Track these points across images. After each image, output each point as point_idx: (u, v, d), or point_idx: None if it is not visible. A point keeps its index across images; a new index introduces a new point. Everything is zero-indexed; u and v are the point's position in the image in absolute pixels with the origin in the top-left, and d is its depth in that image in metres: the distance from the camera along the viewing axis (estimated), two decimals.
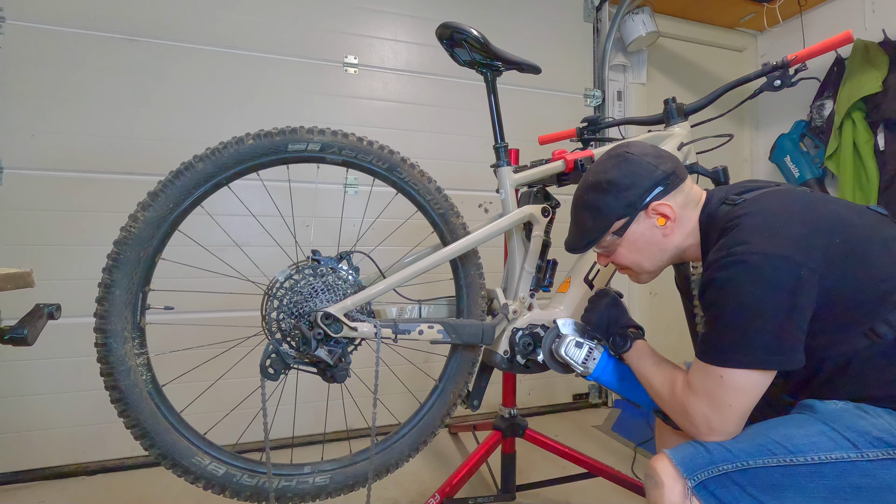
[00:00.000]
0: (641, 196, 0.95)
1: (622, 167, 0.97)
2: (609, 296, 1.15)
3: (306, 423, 2.12)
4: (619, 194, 0.96)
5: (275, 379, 1.04)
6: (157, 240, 1.03)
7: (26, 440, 1.83)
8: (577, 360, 1.10)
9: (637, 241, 0.98)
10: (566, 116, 2.60)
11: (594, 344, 1.12)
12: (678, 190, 0.97)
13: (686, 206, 0.98)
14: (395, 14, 2.39)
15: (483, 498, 1.61)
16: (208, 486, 1.04)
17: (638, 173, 0.96)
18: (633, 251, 1.00)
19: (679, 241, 0.98)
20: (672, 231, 0.97)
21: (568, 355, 1.11)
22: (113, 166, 1.94)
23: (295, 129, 1.10)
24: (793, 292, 0.79)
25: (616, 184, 0.96)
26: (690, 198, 0.99)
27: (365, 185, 2.24)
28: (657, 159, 0.97)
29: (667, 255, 1.00)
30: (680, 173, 0.97)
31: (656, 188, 0.95)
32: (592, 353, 1.10)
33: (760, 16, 2.87)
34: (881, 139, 2.34)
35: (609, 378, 1.10)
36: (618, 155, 0.99)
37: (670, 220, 0.96)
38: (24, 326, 0.74)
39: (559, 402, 2.68)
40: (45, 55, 1.88)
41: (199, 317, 1.86)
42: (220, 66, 2.10)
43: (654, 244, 0.98)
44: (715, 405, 0.84)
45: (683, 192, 0.98)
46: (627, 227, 0.98)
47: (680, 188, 0.97)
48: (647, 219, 0.97)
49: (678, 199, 0.97)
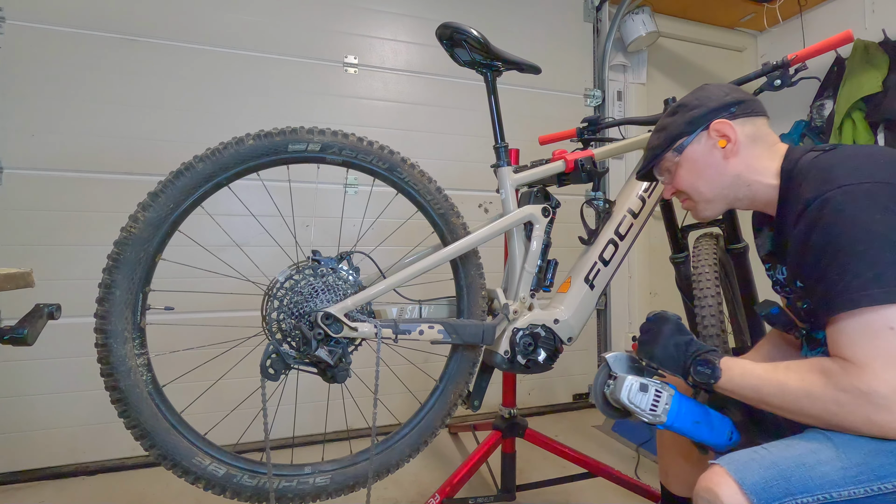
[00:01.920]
0: (706, 115, 0.95)
1: (696, 93, 1.00)
2: (670, 321, 0.96)
3: (307, 423, 2.12)
4: (685, 113, 0.97)
5: (275, 379, 1.04)
6: (158, 240, 1.03)
7: (26, 440, 1.83)
8: (645, 408, 0.89)
9: (696, 160, 0.96)
10: (566, 116, 2.60)
11: (660, 384, 0.91)
12: (747, 120, 0.94)
13: (756, 139, 0.94)
14: (395, 14, 2.39)
15: (483, 498, 1.61)
16: (209, 487, 1.04)
17: (707, 96, 0.97)
18: (692, 172, 0.97)
19: (743, 171, 0.93)
20: (733, 154, 0.93)
21: (633, 403, 0.90)
22: (113, 166, 1.94)
23: (295, 130, 1.10)
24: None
25: (685, 105, 0.99)
26: (763, 135, 0.94)
27: (365, 186, 2.24)
28: (731, 90, 0.97)
29: (727, 184, 0.95)
30: (753, 107, 0.95)
31: (722, 110, 0.94)
32: (661, 396, 0.90)
33: (760, 16, 2.87)
34: (881, 139, 2.34)
35: (684, 423, 0.90)
36: (699, 87, 1.02)
37: (731, 143, 0.93)
38: (24, 326, 0.74)
39: (559, 402, 2.68)
40: (45, 55, 1.87)
41: (200, 317, 1.86)
42: (221, 66, 2.10)
43: (713, 166, 0.95)
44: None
45: (755, 125, 0.94)
46: (687, 144, 0.97)
47: (751, 120, 0.94)
48: (707, 139, 0.95)
49: (746, 128, 0.93)
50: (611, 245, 1.37)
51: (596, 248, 1.38)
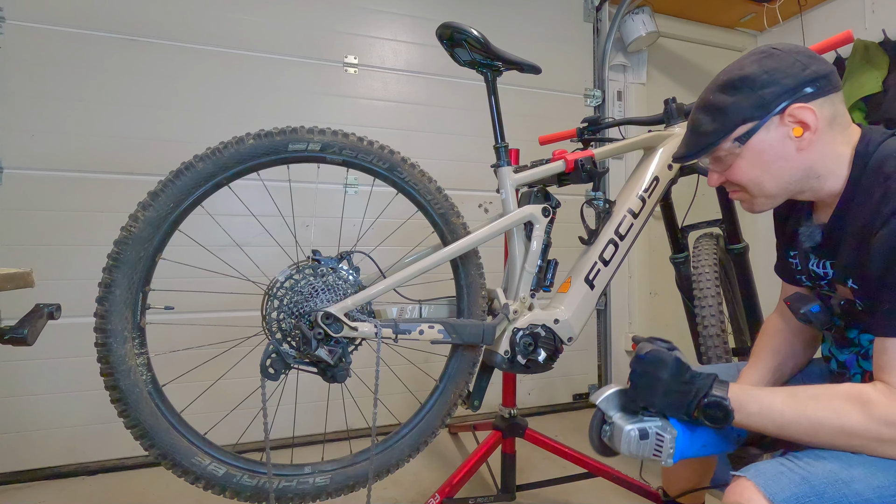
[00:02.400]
0: (780, 97, 0.76)
1: (763, 62, 0.78)
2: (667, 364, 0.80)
3: (306, 423, 2.12)
4: (753, 93, 0.77)
5: (275, 379, 1.04)
6: (158, 240, 1.03)
7: (26, 440, 1.83)
8: (648, 454, 0.82)
9: (763, 152, 0.79)
10: (566, 116, 2.60)
11: (660, 424, 0.83)
12: (827, 99, 0.77)
13: (833, 123, 0.78)
14: (395, 14, 2.39)
15: (483, 498, 1.61)
16: (208, 487, 1.04)
17: (781, 69, 0.77)
18: (756, 165, 0.80)
19: (816, 161, 0.79)
20: (810, 144, 0.77)
21: (633, 452, 0.82)
22: (113, 166, 1.94)
23: (295, 129, 1.10)
24: None
25: (751, 80, 0.77)
26: (840, 115, 0.79)
27: (365, 185, 2.24)
28: (809, 58, 0.77)
29: (796, 177, 0.80)
30: (834, 80, 0.78)
31: (802, 89, 0.76)
32: (664, 440, 0.82)
33: (760, 16, 2.87)
34: None
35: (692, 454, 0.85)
36: (762, 51, 0.81)
37: (809, 132, 0.77)
38: (24, 326, 0.74)
39: (559, 402, 2.68)
40: (45, 55, 1.87)
41: (200, 317, 1.86)
42: (221, 65, 2.10)
43: (784, 159, 0.79)
44: None
45: (833, 104, 0.78)
46: (754, 133, 0.78)
47: (829, 98, 0.77)
48: (780, 126, 0.78)
49: (825, 110, 0.77)
50: (611, 245, 1.38)
51: (596, 248, 1.38)
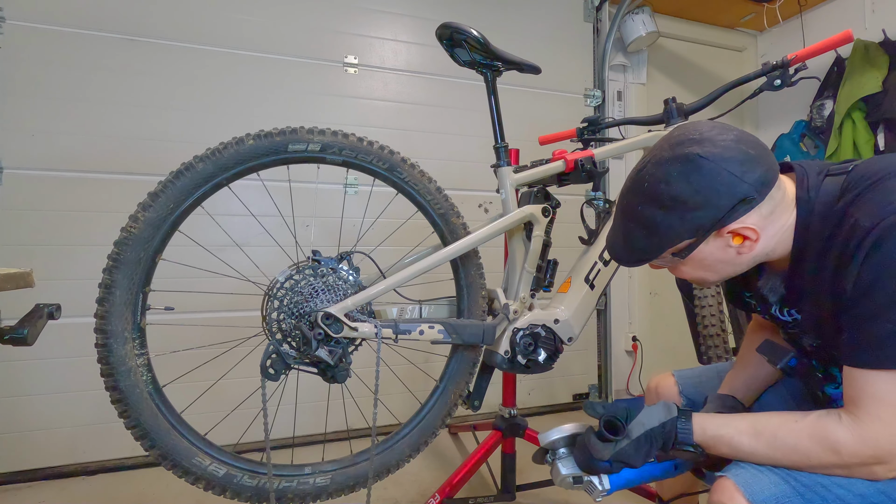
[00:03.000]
0: (715, 218, 0.72)
1: (692, 178, 0.71)
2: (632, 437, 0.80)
3: (307, 423, 2.12)
4: (686, 216, 0.72)
5: (275, 379, 1.04)
6: (158, 240, 1.03)
7: (26, 440, 1.83)
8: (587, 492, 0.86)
9: (704, 260, 0.78)
10: (566, 116, 2.60)
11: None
12: (768, 197, 0.73)
13: (773, 212, 0.75)
14: (395, 14, 2.39)
15: (483, 498, 1.61)
16: (209, 487, 1.04)
17: (714, 189, 0.71)
18: (698, 269, 0.81)
19: (759, 252, 0.78)
20: (751, 249, 0.76)
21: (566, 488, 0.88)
22: (113, 166, 1.94)
23: (295, 130, 1.10)
24: None
25: (682, 201, 0.72)
26: (778, 201, 0.76)
27: (365, 185, 2.24)
28: (742, 166, 0.71)
29: (741, 269, 0.81)
30: (771, 178, 0.73)
31: (738, 209, 0.71)
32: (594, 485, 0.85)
33: (760, 16, 2.87)
34: (881, 139, 2.34)
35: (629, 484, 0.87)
36: (687, 159, 0.72)
37: (749, 241, 0.75)
38: (24, 326, 0.74)
39: (559, 402, 2.68)
40: (45, 55, 1.87)
41: (200, 317, 1.86)
42: (221, 66, 2.10)
43: (726, 262, 0.78)
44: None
45: (772, 198, 0.74)
46: (693, 248, 0.76)
47: (770, 195, 0.73)
48: (718, 238, 0.75)
49: (764, 209, 0.73)
50: None
51: (596, 248, 1.38)
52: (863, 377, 0.68)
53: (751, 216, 0.73)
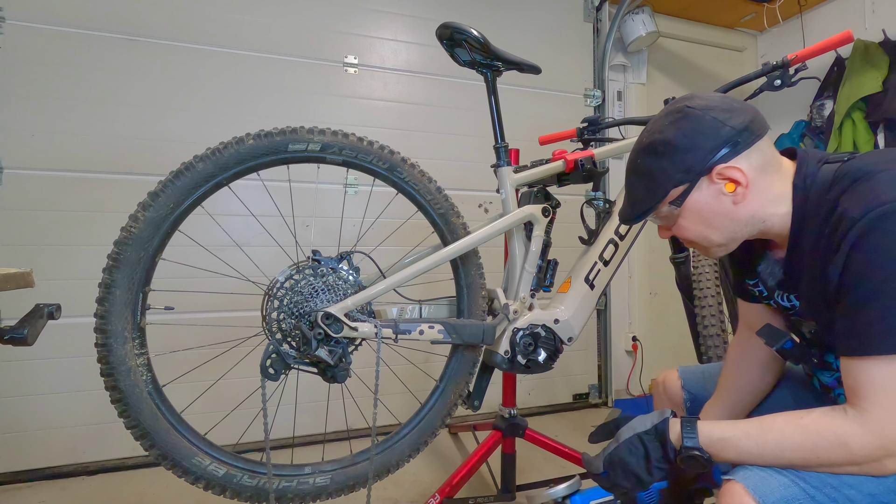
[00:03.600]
0: (703, 158, 0.78)
1: (681, 124, 0.79)
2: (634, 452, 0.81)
3: (307, 423, 2.12)
4: (676, 157, 0.79)
5: (275, 379, 1.04)
6: (158, 240, 1.03)
7: (26, 440, 1.83)
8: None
9: (701, 211, 0.81)
10: (566, 116, 2.60)
11: None
12: (753, 149, 0.78)
13: (765, 168, 0.79)
14: (395, 14, 2.39)
15: (483, 498, 1.61)
16: (209, 487, 1.04)
17: (700, 131, 0.78)
18: (697, 223, 0.82)
19: (757, 208, 0.80)
20: (744, 197, 0.79)
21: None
22: (113, 166, 1.94)
23: (295, 129, 1.10)
24: None
25: (672, 144, 0.79)
26: (770, 159, 0.80)
27: (365, 185, 2.24)
28: (726, 113, 0.78)
29: (741, 226, 0.81)
30: (756, 128, 0.78)
31: (722, 149, 0.77)
32: None
33: (760, 16, 2.87)
34: (881, 139, 2.34)
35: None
36: (677, 110, 0.81)
37: (741, 186, 0.78)
38: (24, 326, 0.74)
39: (559, 402, 2.68)
40: (45, 55, 1.87)
41: (200, 317, 1.86)
42: (221, 66, 2.10)
43: (723, 214, 0.80)
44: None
45: (760, 150, 0.79)
46: (687, 195, 0.80)
47: (756, 146, 0.78)
48: (711, 185, 0.79)
49: (753, 159, 0.78)
50: (611, 245, 1.38)
51: (596, 248, 1.38)
52: (859, 366, 0.69)
53: (738, 160, 0.78)
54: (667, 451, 0.78)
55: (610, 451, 0.83)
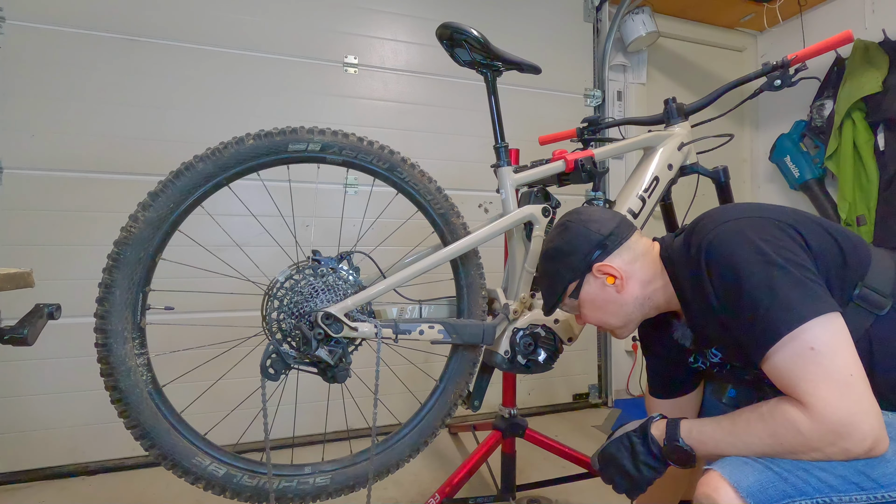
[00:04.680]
0: (583, 260, 0.97)
1: (563, 235, 1.01)
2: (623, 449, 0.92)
3: (307, 423, 2.12)
4: (564, 260, 1.00)
5: (275, 379, 1.04)
6: (158, 240, 1.03)
7: (26, 440, 1.83)
8: None
9: (594, 301, 0.99)
10: (566, 116, 2.60)
11: None
12: (623, 248, 0.97)
13: (635, 260, 0.97)
14: (395, 14, 2.39)
15: (483, 498, 1.61)
16: (208, 487, 1.04)
17: (575, 240, 0.99)
18: (594, 310, 1.00)
19: (638, 292, 0.97)
20: (624, 286, 0.96)
21: None
22: (113, 166, 1.94)
23: (295, 130, 1.10)
24: (790, 238, 0.79)
25: (560, 251, 1.01)
26: (639, 251, 0.98)
27: (365, 185, 2.24)
28: (595, 223, 0.99)
29: (631, 308, 0.98)
30: (620, 232, 0.98)
31: (595, 252, 0.97)
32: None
33: (760, 16, 2.87)
34: (881, 139, 2.34)
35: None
36: (561, 224, 1.04)
37: (618, 279, 0.95)
38: (24, 326, 0.74)
39: (559, 402, 2.68)
40: (45, 55, 1.87)
41: (200, 317, 1.86)
42: (221, 65, 2.10)
43: (612, 301, 0.98)
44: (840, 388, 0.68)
45: (629, 248, 0.98)
46: (580, 289, 0.99)
47: (624, 246, 0.97)
48: (595, 279, 0.97)
49: (624, 255, 0.97)
50: None
51: None
52: (772, 364, 0.74)
53: (612, 259, 0.96)
54: (650, 446, 0.87)
55: (601, 448, 0.96)
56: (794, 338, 0.71)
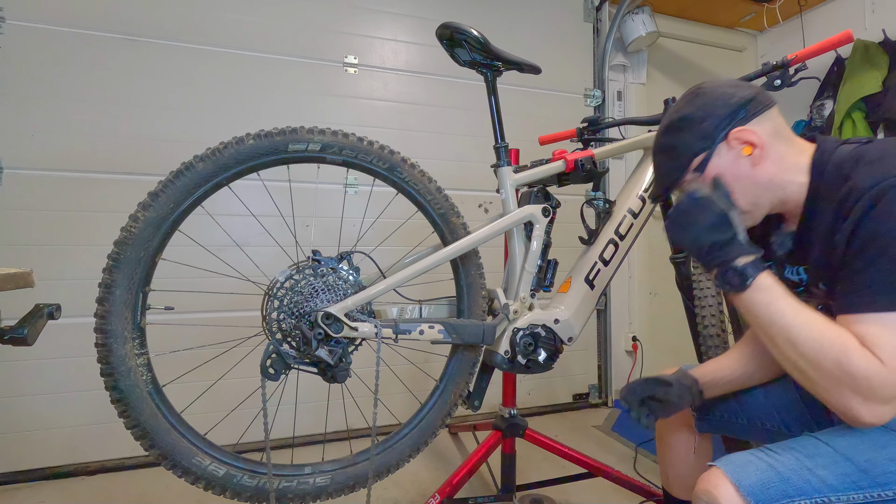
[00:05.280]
0: (718, 125, 0.85)
1: (695, 101, 0.88)
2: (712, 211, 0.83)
3: (307, 423, 2.12)
4: (694, 129, 0.86)
5: (275, 379, 1.04)
6: (158, 240, 1.03)
7: (26, 440, 1.83)
8: None
9: (724, 175, 0.86)
10: (566, 116, 2.60)
11: None
12: (763, 117, 0.85)
13: (777, 135, 0.86)
14: (395, 14, 2.39)
15: (483, 498, 1.61)
16: (209, 487, 1.04)
17: (712, 103, 0.86)
18: None
19: (775, 173, 0.85)
20: (762, 160, 0.85)
21: None
22: (113, 166, 1.94)
23: (295, 129, 1.10)
24: None
25: (689, 118, 0.87)
26: (781, 128, 0.87)
27: (365, 185, 2.24)
28: (733, 87, 0.87)
29: (762, 190, 0.86)
30: (763, 99, 0.86)
31: (735, 115, 0.84)
32: None
33: (760, 16, 2.87)
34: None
35: None
36: (691, 92, 0.91)
37: (757, 148, 0.84)
38: (24, 326, 0.74)
39: (559, 402, 2.68)
40: (45, 55, 1.87)
41: (200, 317, 1.86)
42: (221, 65, 2.10)
43: (744, 177, 0.85)
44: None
45: (770, 119, 0.86)
46: (707, 161, 0.86)
47: (766, 115, 0.85)
48: (729, 150, 0.85)
49: (765, 125, 0.85)
50: (611, 245, 1.38)
51: (596, 248, 1.38)
52: (855, 322, 0.72)
53: (751, 125, 0.85)
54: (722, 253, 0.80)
55: (672, 210, 0.86)
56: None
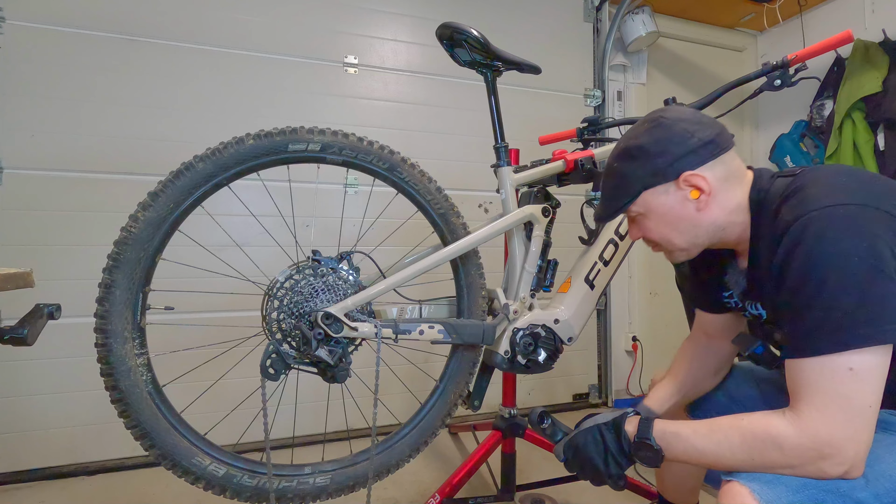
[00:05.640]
0: (672, 164, 0.83)
1: (653, 132, 0.85)
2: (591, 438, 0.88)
3: (307, 423, 2.12)
4: (647, 161, 0.84)
5: (275, 379, 1.04)
6: (158, 240, 1.03)
7: (26, 440, 1.83)
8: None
9: (666, 214, 0.85)
10: (566, 116, 2.60)
11: None
12: (718, 161, 0.83)
13: (728, 179, 0.84)
14: (395, 14, 2.39)
15: (483, 498, 1.61)
16: (209, 487, 1.04)
17: (669, 139, 0.83)
18: (662, 225, 0.87)
19: (718, 216, 0.84)
20: (707, 206, 0.83)
21: None
22: (113, 166, 1.94)
23: (295, 130, 1.10)
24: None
25: (645, 149, 0.85)
26: (734, 172, 0.84)
27: (365, 185, 2.24)
28: (695, 125, 0.84)
29: (702, 232, 0.86)
30: (721, 142, 0.83)
31: (690, 156, 0.82)
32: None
33: (760, 16, 2.87)
34: (881, 139, 2.34)
35: None
36: (651, 119, 0.88)
37: (704, 194, 0.82)
38: (24, 326, 0.74)
39: (559, 402, 2.68)
40: (45, 55, 1.87)
41: (200, 317, 1.86)
42: (221, 66, 2.10)
43: (686, 219, 0.85)
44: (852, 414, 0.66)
45: (724, 163, 0.83)
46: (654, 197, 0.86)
47: (720, 159, 0.83)
48: (677, 191, 0.84)
49: (717, 170, 0.83)
50: (611, 245, 1.38)
51: (596, 248, 1.38)
52: (798, 367, 0.71)
53: (703, 170, 0.82)
54: (622, 442, 0.84)
55: (570, 436, 0.91)
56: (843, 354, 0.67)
